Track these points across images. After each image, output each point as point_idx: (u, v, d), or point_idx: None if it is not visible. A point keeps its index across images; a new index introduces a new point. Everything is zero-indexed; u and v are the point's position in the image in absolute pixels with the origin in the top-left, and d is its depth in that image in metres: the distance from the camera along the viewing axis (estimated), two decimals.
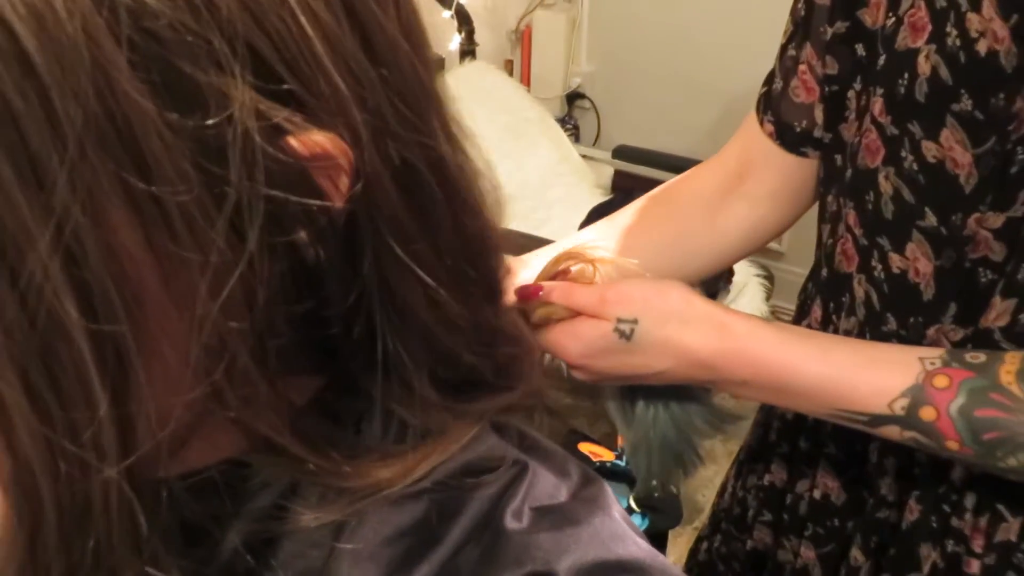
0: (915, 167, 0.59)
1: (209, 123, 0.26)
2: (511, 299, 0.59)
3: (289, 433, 0.32)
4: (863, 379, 0.55)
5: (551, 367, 0.62)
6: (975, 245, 0.58)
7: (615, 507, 0.39)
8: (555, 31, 2.71)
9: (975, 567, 0.63)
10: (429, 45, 0.33)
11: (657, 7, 2.53)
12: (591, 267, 0.60)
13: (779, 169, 0.75)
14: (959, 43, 0.54)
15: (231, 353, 0.29)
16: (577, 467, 0.41)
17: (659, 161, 2.51)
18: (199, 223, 0.26)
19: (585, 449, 1.63)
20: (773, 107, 0.74)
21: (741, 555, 0.87)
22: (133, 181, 0.25)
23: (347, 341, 0.34)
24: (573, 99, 2.82)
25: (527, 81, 2.79)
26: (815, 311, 0.75)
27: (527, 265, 0.67)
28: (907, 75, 0.58)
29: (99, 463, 0.27)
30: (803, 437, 0.77)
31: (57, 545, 0.28)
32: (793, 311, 0.83)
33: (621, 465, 1.58)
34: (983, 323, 0.59)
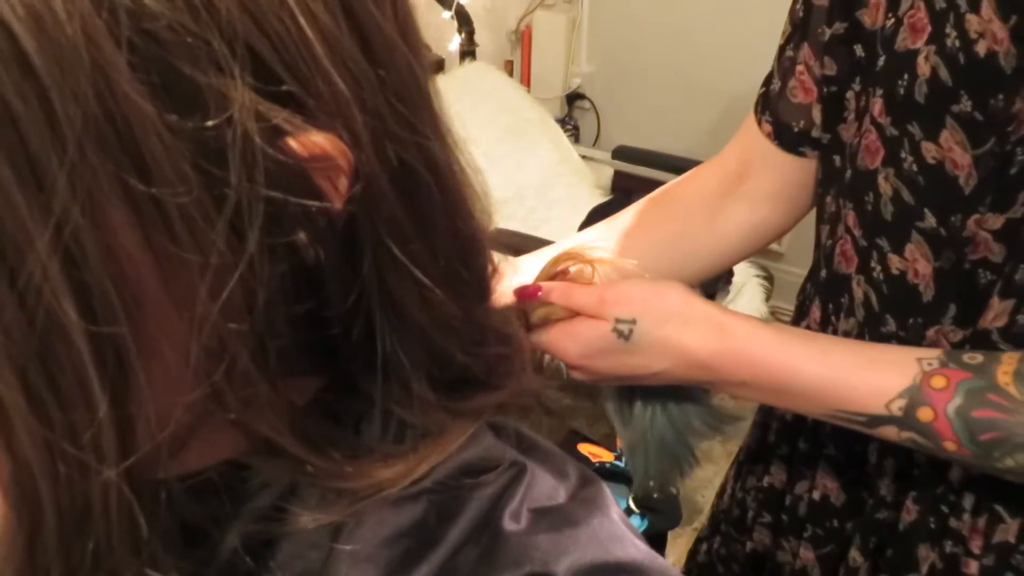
0: (915, 168, 0.59)
1: (209, 124, 0.26)
2: (507, 299, 0.59)
3: (290, 434, 0.32)
4: (861, 380, 0.55)
5: (551, 367, 0.62)
6: (974, 246, 0.58)
7: (614, 508, 0.39)
8: (555, 32, 2.71)
9: (973, 568, 0.63)
10: (424, 45, 0.33)
11: (657, 7, 2.53)
12: (590, 268, 0.60)
13: (778, 170, 0.75)
14: (958, 44, 0.54)
15: (231, 354, 0.29)
16: (575, 468, 0.41)
17: (659, 162, 2.51)
18: (199, 224, 0.26)
19: (584, 450, 1.63)
20: (771, 107, 0.74)
21: (741, 557, 0.87)
22: (133, 182, 0.25)
23: (347, 341, 0.34)
24: (573, 100, 2.82)
25: (527, 82, 2.79)
26: (814, 312, 0.75)
27: (524, 268, 0.67)
28: (907, 76, 0.58)
29: (99, 464, 0.27)
30: (802, 438, 0.77)
31: (56, 547, 0.28)
32: (792, 312, 0.83)
33: (620, 466, 1.58)
34: (981, 324, 0.59)
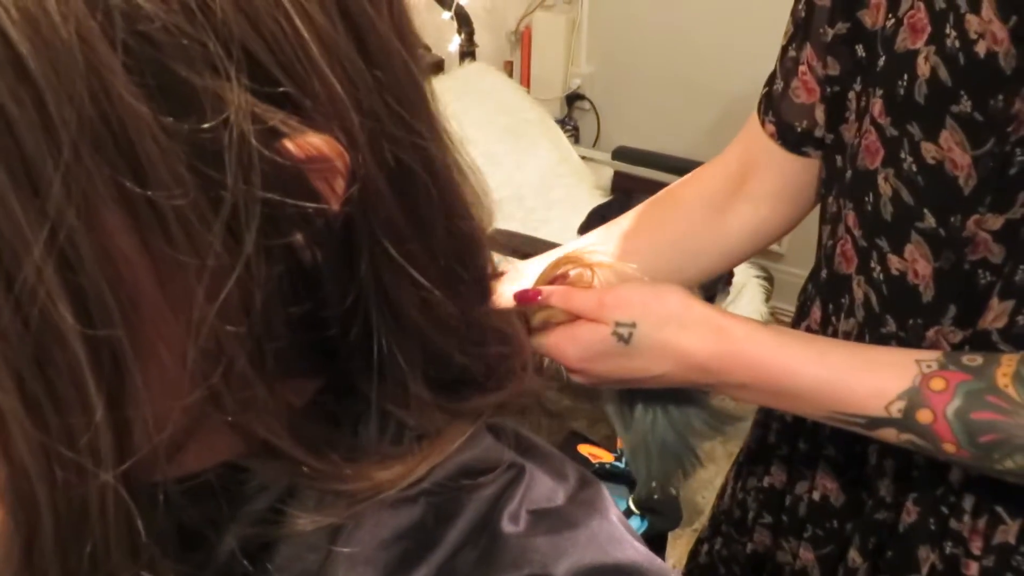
0: (914, 168, 0.59)
1: (205, 126, 0.25)
2: (506, 301, 0.59)
3: (287, 436, 0.32)
4: (860, 382, 0.55)
5: (551, 370, 0.62)
6: (974, 247, 0.58)
7: (612, 510, 0.39)
8: (555, 32, 2.71)
9: (973, 569, 0.63)
10: (421, 45, 0.33)
11: (657, 8, 2.53)
12: (589, 271, 0.60)
13: (781, 170, 0.75)
14: (958, 44, 0.54)
15: (228, 356, 0.29)
16: (574, 470, 0.41)
17: (659, 162, 2.50)
18: (195, 227, 0.26)
19: (585, 451, 1.63)
20: (774, 108, 0.74)
21: (741, 557, 0.87)
22: (128, 185, 0.25)
23: (344, 343, 0.34)
24: (573, 100, 2.82)
25: (527, 82, 2.79)
26: (814, 312, 0.75)
27: (525, 272, 0.67)
28: (906, 76, 0.58)
29: (96, 468, 0.27)
30: (802, 439, 0.77)
31: (54, 550, 0.28)
32: (792, 313, 0.83)
33: (620, 467, 1.58)
34: (981, 325, 0.59)
